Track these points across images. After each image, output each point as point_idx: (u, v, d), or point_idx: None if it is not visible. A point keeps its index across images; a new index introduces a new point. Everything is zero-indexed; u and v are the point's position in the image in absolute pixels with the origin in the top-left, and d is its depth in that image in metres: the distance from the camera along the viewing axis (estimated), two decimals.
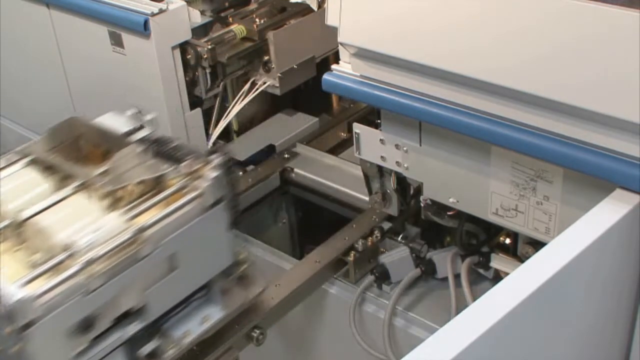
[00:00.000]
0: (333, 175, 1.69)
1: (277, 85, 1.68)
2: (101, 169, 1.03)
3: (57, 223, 0.97)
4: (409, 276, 1.40)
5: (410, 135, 1.26)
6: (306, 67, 1.72)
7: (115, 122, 1.12)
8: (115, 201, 1.01)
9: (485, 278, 1.40)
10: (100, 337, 0.97)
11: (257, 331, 1.29)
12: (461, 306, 1.33)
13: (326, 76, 1.26)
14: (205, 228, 1.04)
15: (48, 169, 1.08)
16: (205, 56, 1.58)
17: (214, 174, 1.03)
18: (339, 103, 1.98)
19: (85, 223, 0.97)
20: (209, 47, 1.58)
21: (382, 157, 1.33)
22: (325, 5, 1.20)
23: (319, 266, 1.41)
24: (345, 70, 1.24)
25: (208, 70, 1.61)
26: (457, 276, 1.38)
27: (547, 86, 0.98)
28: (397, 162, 1.31)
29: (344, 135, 1.90)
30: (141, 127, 1.11)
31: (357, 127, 1.34)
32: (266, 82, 1.69)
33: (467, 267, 1.37)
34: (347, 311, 1.41)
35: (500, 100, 1.05)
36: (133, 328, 0.99)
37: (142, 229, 0.96)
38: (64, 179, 1.06)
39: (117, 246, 0.93)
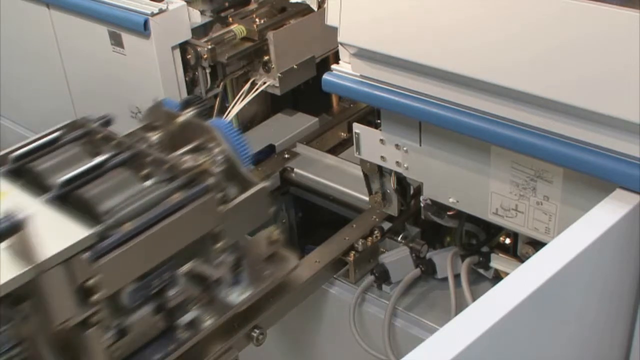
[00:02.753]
0: (333, 175, 1.68)
1: (277, 85, 1.68)
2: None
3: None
4: (409, 276, 1.40)
5: (410, 135, 1.26)
6: (306, 67, 1.72)
7: None
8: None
9: (485, 278, 1.40)
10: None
11: (257, 331, 1.29)
12: (461, 306, 1.33)
13: (326, 76, 1.26)
14: None
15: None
16: (205, 56, 1.58)
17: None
18: (339, 103, 1.98)
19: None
20: (209, 47, 1.58)
21: (382, 157, 1.33)
22: (325, 5, 1.20)
23: (319, 266, 1.41)
24: (345, 70, 1.24)
25: (208, 70, 1.61)
26: (457, 276, 1.38)
27: (547, 86, 0.98)
28: (397, 162, 1.31)
29: (344, 135, 1.90)
30: None
31: (357, 127, 1.34)
32: (266, 82, 1.69)
33: (467, 267, 1.37)
34: (347, 311, 1.41)
35: (500, 100, 1.05)
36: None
37: None
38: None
39: None
